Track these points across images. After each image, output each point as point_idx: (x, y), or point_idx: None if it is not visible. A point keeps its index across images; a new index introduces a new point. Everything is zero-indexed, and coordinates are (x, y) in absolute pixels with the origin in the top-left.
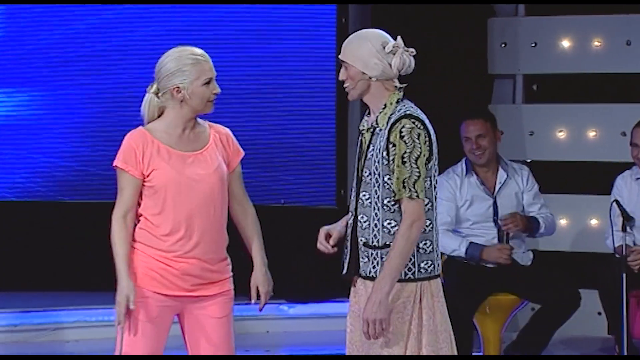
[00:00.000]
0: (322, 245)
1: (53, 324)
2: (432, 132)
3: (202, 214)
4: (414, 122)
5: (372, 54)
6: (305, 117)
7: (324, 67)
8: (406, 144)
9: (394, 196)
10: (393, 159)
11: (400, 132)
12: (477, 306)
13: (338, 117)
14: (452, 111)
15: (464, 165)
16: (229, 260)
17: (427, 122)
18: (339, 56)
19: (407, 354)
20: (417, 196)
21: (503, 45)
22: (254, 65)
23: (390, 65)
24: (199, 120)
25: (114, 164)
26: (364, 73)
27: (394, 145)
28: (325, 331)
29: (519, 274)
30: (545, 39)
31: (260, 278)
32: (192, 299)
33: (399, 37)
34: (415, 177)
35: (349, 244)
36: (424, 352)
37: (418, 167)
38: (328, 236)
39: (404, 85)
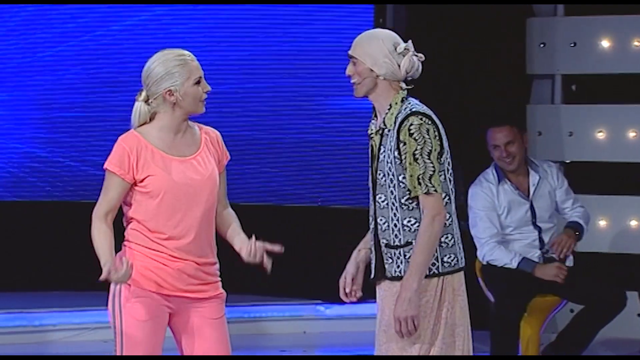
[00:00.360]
0: (342, 296)
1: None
2: (440, 126)
3: (196, 218)
4: (421, 119)
5: (383, 53)
6: (343, 118)
7: None
8: (416, 140)
9: (410, 193)
10: (405, 158)
11: (409, 129)
12: (523, 309)
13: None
14: (490, 111)
15: (494, 172)
16: (217, 264)
17: (434, 117)
18: (349, 52)
19: (423, 349)
20: (435, 190)
21: (542, 45)
22: (289, 64)
23: (399, 66)
24: (190, 122)
25: (105, 166)
26: (372, 70)
27: (405, 143)
28: (362, 332)
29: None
30: (584, 38)
31: (246, 241)
32: (187, 300)
33: (409, 41)
34: (431, 172)
35: (373, 248)
36: (438, 346)
37: (432, 162)
38: (347, 281)
39: (410, 87)
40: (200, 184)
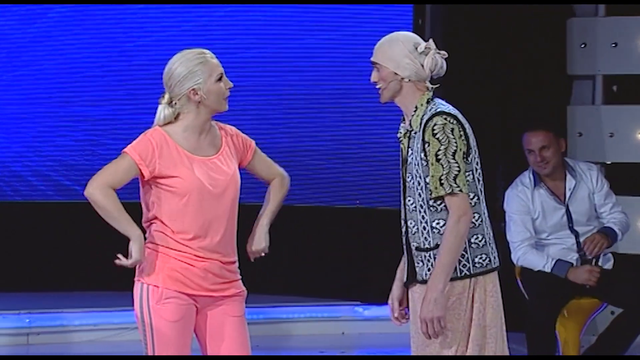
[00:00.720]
0: (394, 319)
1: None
2: (467, 126)
3: (221, 217)
4: (445, 118)
5: (404, 54)
6: (381, 119)
7: None
8: (439, 141)
9: (431, 194)
10: (428, 158)
11: (433, 129)
12: (559, 311)
13: None
14: (530, 113)
15: (531, 175)
16: (237, 262)
17: (460, 116)
18: (371, 58)
19: (459, 352)
20: (460, 190)
21: (583, 45)
22: (328, 66)
23: (422, 65)
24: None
25: (125, 150)
26: (395, 74)
27: (429, 143)
28: (400, 333)
29: (601, 277)
30: (625, 39)
31: (254, 236)
32: (211, 299)
33: (430, 39)
34: (455, 172)
35: (405, 252)
36: (470, 347)
37: (457, 162)
38: (394, 306)
39: (436, 86)
40: (224, 184)
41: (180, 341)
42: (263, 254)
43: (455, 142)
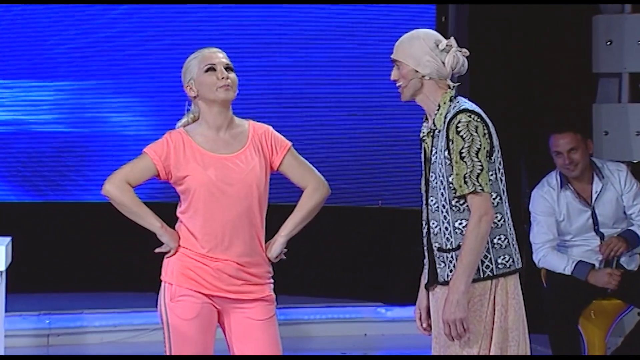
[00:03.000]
0: (420, 328)
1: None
2: (490, 125)
3: (234, 218)
4: (470, 116)
5: (425, 52)
6: (403, 119)
7: None
8: (463, 138)
9: (455, 192)
10: (452, 156)
11: (457, 127)
12: (581, 311)
13: None
14: (555, 112)
15: (558, 177)
16: (269, 267)
17: (484, 115)
18: (391, 56)
19: (481, 354)
20: (482, 190)
21: (608, 43)
22: (347, 67)
23: (443, 63)
24: (238, 119)
25: (145, 150)
26: (416, 71)
27: (452, 141)
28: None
29: (625, 278)
30: None
31: (270, 244)
32: (230, 300)
33: (452, 37)
34: (478, 171)
35: (426, 253)
36: (492, 350)
37: (480, 160)
38: (420, 315)
39: (458, 84)
40: (238, 182)
41: (199, 340)
42: (279, 259)
43: (479, 140)
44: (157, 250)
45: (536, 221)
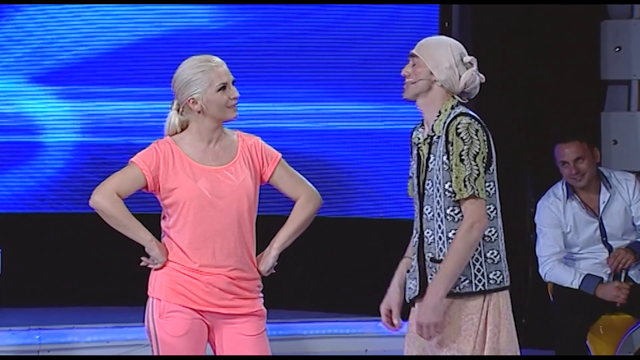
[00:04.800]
0: (388, 324)
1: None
2: (489, 133)
3: (225, 231)
4: (470, 119)
5: (448, 59)
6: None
7: None
8: (464, 140)
9: (454, 196)
10: (452, 159)
11: (457, 128)
12: (589, 326)
13: None
14: (561, 120)
15: (564, 187)
16: (260, 281)
17: (483, 123)
18: (412, 50)
19: None
20: (479, 195)
21: (617, 49)
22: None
23: (459, 77)
24: (227, 130)
25: (132, 159)
26: (431, 73)
27: (452, 144)
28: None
29: (634, 292)
30: None
31: (261, 257)
32: (221, 316)
33: (473, 57)
34: (475, 175)
35: (416, 264)
36: None
37: (477, 165)
38: (389, 312)
39: (465, 101)
40: (229, 195)
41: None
42: (270, 273)
43: (479, 144)
44: (143, 263)
45: (542, 233)
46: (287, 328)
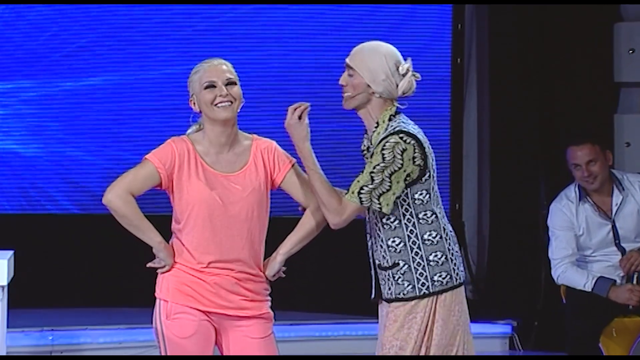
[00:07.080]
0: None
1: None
2: (426, 145)
3: (233, 236)
4: (401, 137)
5: (383, 70)
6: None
7: (437, 74)
8: (383, 157)
9: (346, 192)
10: (365, 166)
11: (383, 146)
12: (602, 329)
13: (453, 125)
14: (575, 122)
15: (576, 189)
16: (267, 285)
17: (419, 135)
18: (347, 59)
19: None
20: (361, 202)
21: (631, 51)
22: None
23: (397, 86)
24: (242, 135)
25: (146, 156)
26: (369, 86)
27: (372, 154)
28: None
29: None
30: None
31: (269, 262)
32: (228, 317)
33: (409, 59)
34: (384, 190)
35: (371, 267)
36: None
37: (390, 182)
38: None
39: (405, 106)
40: (240, 201)
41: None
42: (277, 278)
43: (401, 163)
44: (149, 264)
45: (555, 236)
46: (297, 330)
